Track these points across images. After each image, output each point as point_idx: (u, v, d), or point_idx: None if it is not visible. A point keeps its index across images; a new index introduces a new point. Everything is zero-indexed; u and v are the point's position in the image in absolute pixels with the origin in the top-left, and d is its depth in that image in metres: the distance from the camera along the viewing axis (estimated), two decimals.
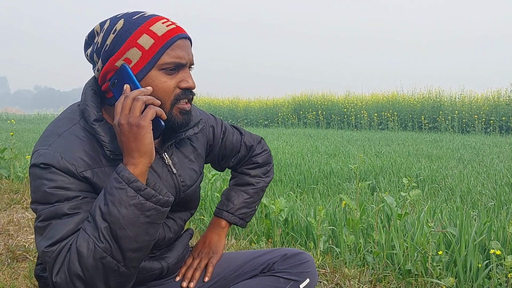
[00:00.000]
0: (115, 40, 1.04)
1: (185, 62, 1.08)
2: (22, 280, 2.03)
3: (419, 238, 2.29)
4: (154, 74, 1.05)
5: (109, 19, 1.09)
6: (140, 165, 0.99)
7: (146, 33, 1.04)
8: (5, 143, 6.11)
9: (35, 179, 1.02)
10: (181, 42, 1.07)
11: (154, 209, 0.98)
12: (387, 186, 4.57)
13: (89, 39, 1.13)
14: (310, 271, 1.31)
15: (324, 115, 16.92)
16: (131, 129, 0.97)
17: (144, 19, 1.06)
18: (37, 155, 1.03)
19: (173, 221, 1.23)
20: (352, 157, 6.81)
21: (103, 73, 1.07)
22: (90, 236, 0.95)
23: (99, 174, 1.05)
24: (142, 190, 0.97)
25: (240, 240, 2.71)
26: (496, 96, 14.71)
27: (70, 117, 1.11)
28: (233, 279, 1.33)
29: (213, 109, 20.33)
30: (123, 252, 0.96)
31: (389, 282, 2.10)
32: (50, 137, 1.06)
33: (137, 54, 1.04)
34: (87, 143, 1.06)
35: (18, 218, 3.16)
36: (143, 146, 0.98)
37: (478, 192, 4.24)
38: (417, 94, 16.37)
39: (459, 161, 6.58)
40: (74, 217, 0.99)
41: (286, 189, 4.40)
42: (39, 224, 1.00)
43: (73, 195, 1.00)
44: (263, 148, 1.53)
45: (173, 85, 1.07)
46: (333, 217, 2.79)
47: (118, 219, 0.95)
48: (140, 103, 0.98)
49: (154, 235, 1.01)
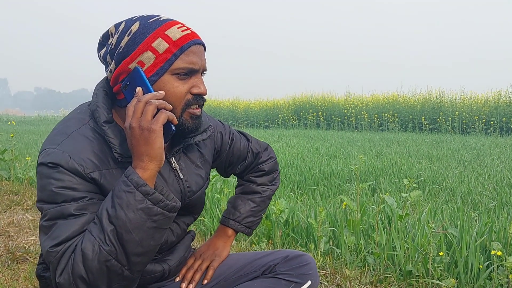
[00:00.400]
0: (129, 42, 1.04)
1: (198, 68, 1.08)
2: (22, 282, 2.03)
3: (420, 239, 2.28)
4: (166, 79, 1.05)
5: (124, 21, 1.09)
6: (149, 169, 0.98)
7: (161, 37, 1.04)
8: (5, 145, 6.11)
9: (42, 178, 1.01)
10: (195, 48, 1.07)
11: (161, 214, 0.98)
12: (388, 187, 4.56)
13: (103, 40, 1.12)
14: (312, 273, 1.31)
15: (324, 116, 16.92)
16: (142, 133, 0.97)
17: (159, 23, 1.06)
18: (45, 154, 1.03)
19: (177, 225, 1.23)
20: (353, 158, 6.80)
21: (115, 74, 1.07)
22: (96, 238, 0.95)
23: (106, 176, 1.04)
24: (150, 194, 0.97)
25: (240, 242, 2.71)
26: (496, 97, 14.71)
27: (80, 117, 1.10)
28: (234, 280, 1.32)
29: (213, 110, 20.35)
30: (128, 256, 0.96)
31: (390, 283, 2.10)
32: (59, 136, 1.06)
33: (151, 57, 1.04)
34: (96, 144, 1.05)
35: (18, 220, 3.16)
36: (153, 150, 0.98)
37: (479, 193, 4.24)
38: (418, 95, 16.38)
39: (460, 162, 6.58)
40: (80, 218, 0.99)
41: (286, 190, 4.39)
42: (44, 223, 1.00)
43: (80, 195, 1.00)
44: (269, 155, 1.52)
45: (185, 90, 1.07)
46: (333, 218, 2.79)
47: (125, 222, 0.94)
48: (153, 107, 0.98)
49: (159, 240, 1.01)
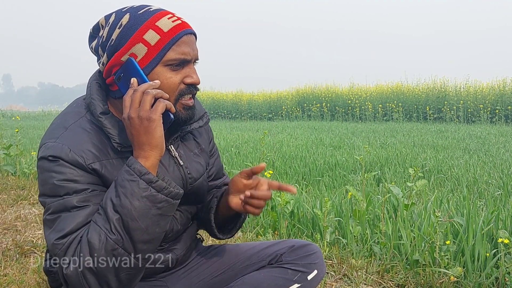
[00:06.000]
0: (121, 35, 1.04)
1: (190, 58, 1.08)
2: (31, 275, 2.04)
3: (426, 228, 2.28)
4: (159, 70, 1.05)
5: (114, 12, 1.08)
6: (151, 158, 0.99)
7: (152, 29, 1.04)
8: (10, 140, 6.14)
9: (43, 172, 1.02)
10: (186, 38, 1.07)
11: (165, 201, 0.99)
12: (393, 177, 4.55)
13: (93, 32, 1.12)
14: (318, 262, 1.30)
15: (328, 107, 16.86)
16: (142, 123, 0.97)
17: (150, 14, 1.06)
18: (45, 148, 1.03)
19: (181, 213, 1.24)
20: (357, 149, 6.79)
21: (108, 67, 1.07)
22: (102, 228, 0.96)
23: (107, 166, 1.05)
24: (154, 182, 0.98)
25: (246, 233, 2.72)
26: (501, 85, 14.60)
27: (76, 110, 1.11)
28: (241, 270, 1.32)
29: (216, 103, 20.31)
30: (135, 243, 0.97)
31: (396, 272, 2.10)
32: (57, 130, 1.07)
33: (143, 49, 1.04)
34: (94, 135, 1.06)
35: (25, 214, 3.18)
36: (154, 139, 0.98)
37: (485, 182, 4.22)
38: (422, 84, 16.29)
39: (465, 151, 6.55)
40: (83, 210, 0.99)
41: (291, 181, 4.39)
42: (48, 217, 1.00)
43: (82, 187, 1.01)
44: None
45: (178, 80, 1.07)
46: (339, 209, 2.79)
47: (130, 211, 0.95)
48: (150, 96, 0.98)
49: (165, 227, 1.02)
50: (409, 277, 2.04)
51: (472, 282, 1.93)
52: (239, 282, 1.25)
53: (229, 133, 9.92)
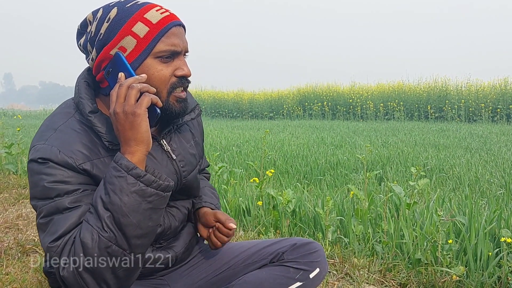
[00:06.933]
0: (109, 29, 1.04)
1: (180, 49, 1.08)
2: (33, 274, 2.04)
3: (428, 227, 2.27)
4: (149, 62, 1.05)
5: (102, 7, 1.08)
6: (137, 153, 0.98)
7: (141, 21, 1.03)
8: (12, 139, 6.14)
9: (33, 174, 1.01)
10: (175, 29, 1.07)
11: (155, 195, 0.98)
12: (395, 176, 4.55)
13: (81, 28, 1.12)
14: (320, 260, 1.30)
15: (329, 106, 16.85)
16: (127, 118, 0.97)
17: (138, 6, 1.05)
18: (34, 151, 1.02)
19: (177, 210, 1.24)
20: (359, 148, 6.78)
21: (97, 62, 1.06)
22: (93, 226, 0.95)
23: (98, 165, 1.04)
24: (142, 176, 0.97)
25: (248, 232, 2.71)
26: (503, 84, 14.57)
27: (65, 111, 1.10)
28: (243, 268, 1.32)
29: (218, 102, 20.31)
30: (128, 239, 0.96)
31: (398, 271, 2.09)
32: (46, 132, 1.06)
33: (132, 42, 1.03)
34: (84, 135, 1.05)
35: (27, 213, 3.18)
36: (139, 134, 0.97)
37: (487, 181, 4.21)
38: (423, 83, 16.27)
39: (467, 150, 6.54)
40: (75, 211, 0.98)
41: (293, 180, 4.39)
42: (41, 221, 1.00)
43: (73, 188, 1.00)
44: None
45: (169, 73, 1.07)
46: (341, 208, 2.78)
47: (120, 207, 0.95)
48: (135, 91, 0.98)
49: (157, 220, 1.01)
50: (411, 276, 2.04)
51: (475, 281, 1.92)
52: (241, 280, 1.25)
53: (230, 132, 9.92)
